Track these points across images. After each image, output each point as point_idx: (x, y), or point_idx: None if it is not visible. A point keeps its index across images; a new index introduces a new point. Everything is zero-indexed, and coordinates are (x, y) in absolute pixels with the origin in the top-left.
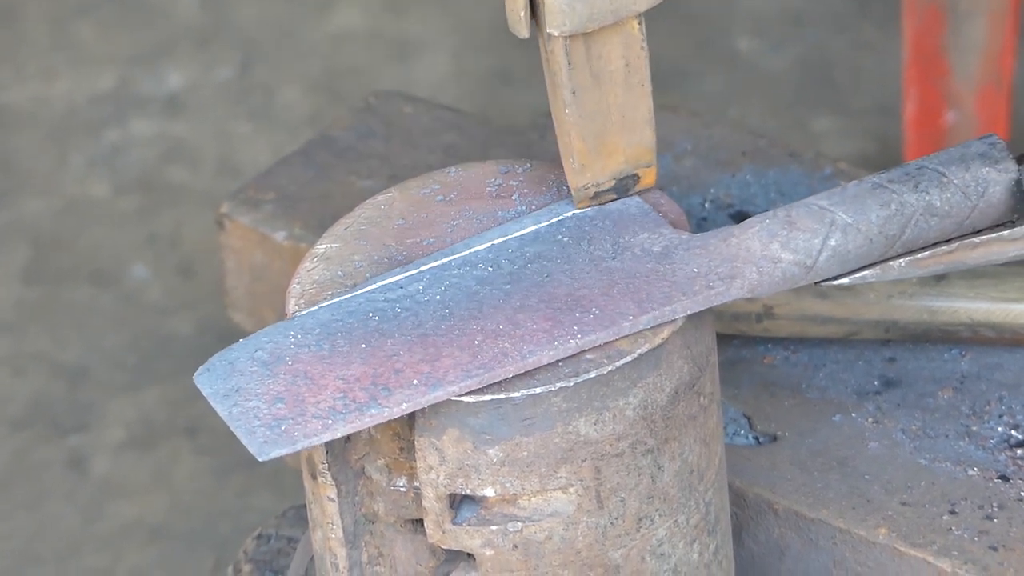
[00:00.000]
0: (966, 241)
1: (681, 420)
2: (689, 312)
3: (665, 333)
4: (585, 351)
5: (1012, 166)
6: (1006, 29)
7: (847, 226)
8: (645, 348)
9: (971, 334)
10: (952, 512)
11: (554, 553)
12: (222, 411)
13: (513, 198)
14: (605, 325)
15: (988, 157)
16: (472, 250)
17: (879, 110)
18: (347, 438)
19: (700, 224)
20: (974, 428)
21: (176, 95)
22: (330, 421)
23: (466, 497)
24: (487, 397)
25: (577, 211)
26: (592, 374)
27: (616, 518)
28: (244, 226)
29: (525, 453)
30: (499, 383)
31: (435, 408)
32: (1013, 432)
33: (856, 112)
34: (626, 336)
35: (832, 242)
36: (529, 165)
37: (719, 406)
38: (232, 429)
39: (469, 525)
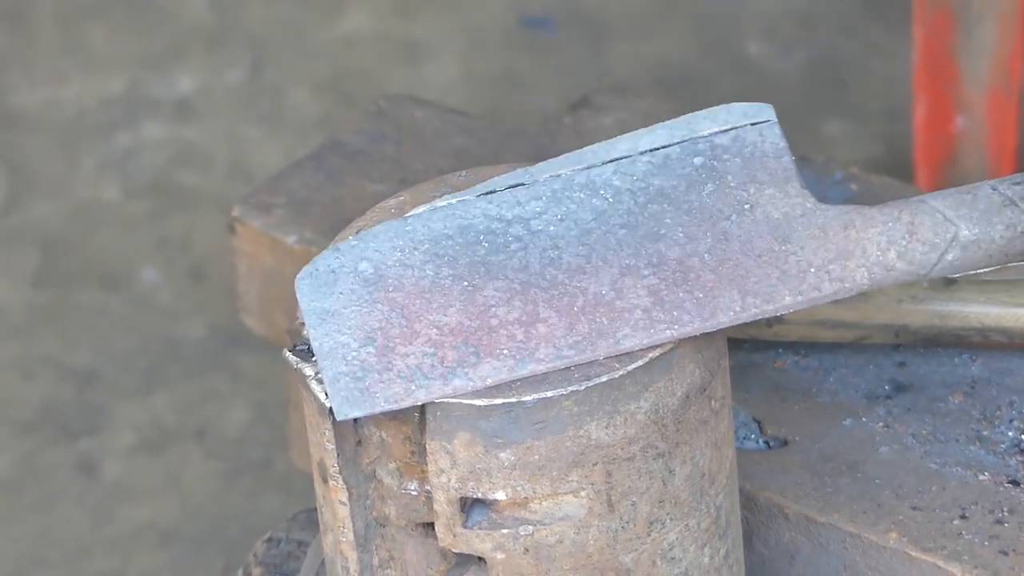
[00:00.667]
0: None
1: (692, 424)
2: (791, 311)
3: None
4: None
5: None
6: (1016, 33)
7: (969, 243)
8: (656, 352)
9: (982, 339)
10: (963, 517)
11: (565, 557)
12: (314, 338)
13: None
14: (704, 316)
15: None
16: (600, 165)
17: (889, 114)
18: (359, 441)
19: None
20: (985, 433)
21: (186, 98)
22: (413, 386)
23: (477, 501)
24: (499, 400)
25: (714, 134)
26: (604, 378)
27: (627, 522)
28: (255, 230)
29: (536, 457)
30: (511, 386)
31: (447, 411)
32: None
33: (866, 116)
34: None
35: (950, 256)
36: None
37: (730, 410)
38: (320, 366)
39: (480, 529)
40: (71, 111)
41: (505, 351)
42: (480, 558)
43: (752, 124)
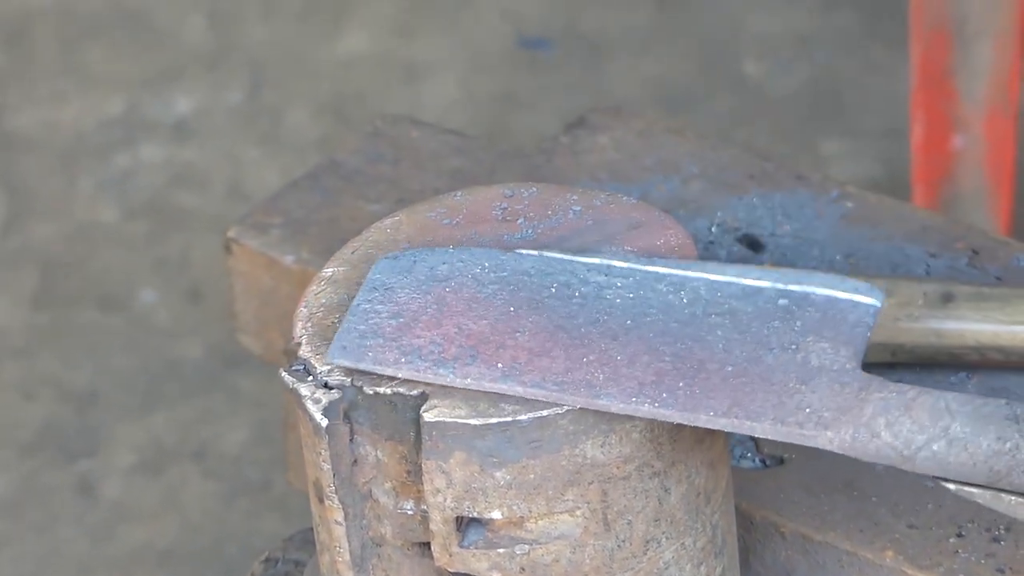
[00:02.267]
0: None
1: (688, 443)
2: (767, 436)
3: None
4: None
5: None
6: (1014, 52)
7: (956, 439)
8: None
9: (978, 357)
10: (959, 535)
11: None
12: (357, 299)
13: (519, 222)
14: (685, 409)
15: None
16: (700, 274)
17: (887, 133)
18: (354, 460)
19: (707, 248)
20: None
21: (185, 119)
22: (404, 360)
23: (473, 520)
24: (494, 420)
25: (813, 290)
26: None
27: (623, 541)
28: (252, 250)
29: (532, 476)
30: (505, 407)
31: (442, 431)
32: None
33: (864, 135)
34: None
35: (935, 447)
36: (535, 189)
37: None
38: (345, 320)
39: (476, 548)
40: (70, 132)
41: (500, 365)
42: None
43: (854, 299)
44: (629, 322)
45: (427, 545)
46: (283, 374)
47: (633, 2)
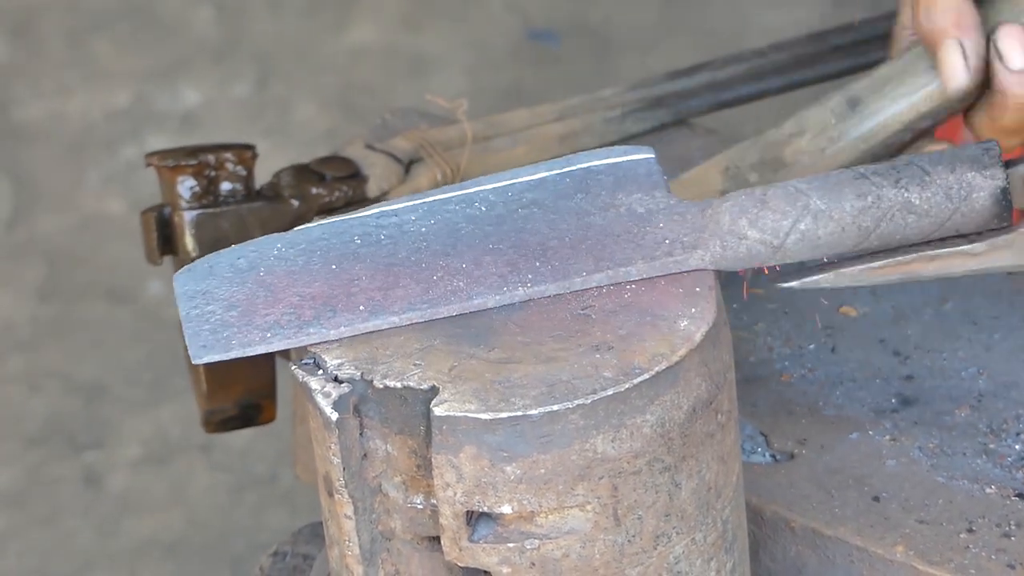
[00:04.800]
0: (924, 253)
1: (698, 437)
2: (644, 276)
3: (683, 351)
4: (603, 368)
5: (1000, 173)
6: None
7: (820, 212)
8: (663, 365)
9: (911, 134)
10: (970, 530)
11: (571, 571)
12: (182, 310)
13: None
14: (557, 278)
15: (978, 161)
16: (478, 188)
17: None
18: (364, 454)
19: None
20: (992, 446)
21: (192, 111)
22: (269, 334)
23: (483, 514)
24: (504, 414)
25: (591, 164)
26: (609, 391)
27: (633, 536)
28: None
29: (542, 470)
30: (516, 401)
31: (452, 425)
32: None
33: None
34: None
35: (802, 226)
36: None
37: (736, 423)
38: (184, 329)
39: (486, 542)
40: (77, 124)
41: (361, 307)
42: (486, 572)
43: (631, 158)
44: (448, 239)
45: (437, 539)
46: (293, 368)
47: None
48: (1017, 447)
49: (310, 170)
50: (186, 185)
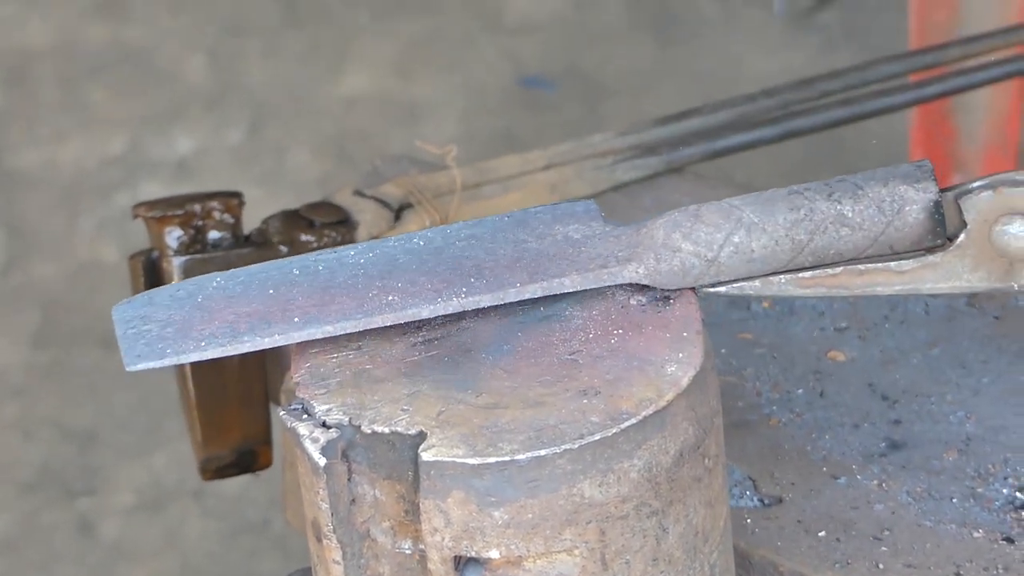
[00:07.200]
0: (851, 267)
1: (686, 482)
2: (578, 288)
3: (670, 395)
4: (591, 413)
5: (932, 187)
6: (1012, 92)
7: (752, 225)
8: (650, 410)
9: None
10: (957, 574)
11: None
12: (119, 331)
13: None
14: (492, 289)
15: (911, 176)
16: (422, 231)
17: None
18: (352, 499)
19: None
20: (979, 490)
21: (186, 159)
22: (204, 343)
23: (471, 559)
24: (492, 459)
25: (530, 210)
26: (597, 436)
27: None
28: None
29: (530, 515)
30: (503, 446)
31: (440, 470)
32: (1018, 494)
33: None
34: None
35: (735, 238)
36: None
37: (724, 468)
38: (119, 345)
39: None
40: (71, 171)
41: (296, 319)
42: None
43: (571, 205)
44: (385, 267)
45: None
46: (281, 413)
47: (634, 41)
48: (1004, 491)
49: (299, 216)
50: (173, 235)
